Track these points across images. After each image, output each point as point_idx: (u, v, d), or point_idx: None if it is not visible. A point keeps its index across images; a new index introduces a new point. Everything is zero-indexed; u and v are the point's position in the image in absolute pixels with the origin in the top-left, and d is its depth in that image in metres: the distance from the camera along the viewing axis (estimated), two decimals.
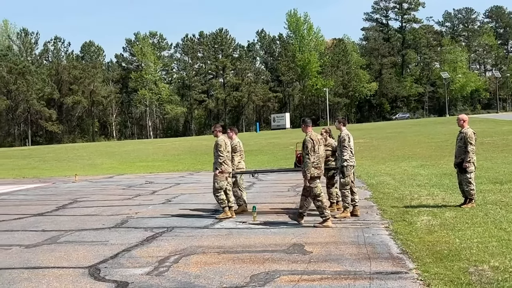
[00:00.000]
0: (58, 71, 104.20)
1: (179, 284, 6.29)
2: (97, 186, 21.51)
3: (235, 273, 6.68)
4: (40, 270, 7.21)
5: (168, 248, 8.34)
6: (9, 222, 11.92)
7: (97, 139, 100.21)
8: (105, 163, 37.90)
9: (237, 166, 12.51)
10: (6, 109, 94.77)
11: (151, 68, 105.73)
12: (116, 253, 8.11)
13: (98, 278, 6.69)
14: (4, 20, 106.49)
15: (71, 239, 9.52)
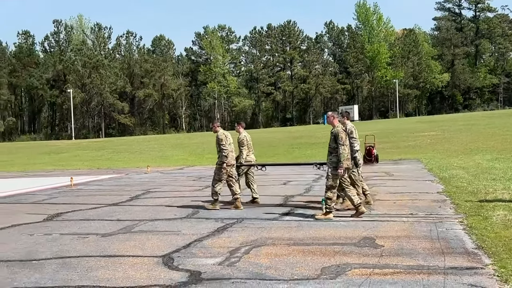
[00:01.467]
0: (130, 65, 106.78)
1: (251, 274, 6.35)
2: (168, 177, 21.96)
3: (305, 265, 6.68)
4: (116, 258, 7.42)
5: (239, 239, 8.43)
6: (86, 211, 12.35)
7: (167, 131, 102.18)
8: (175, 154, 38.65)
9: (246, 159, 12.87)
10: (81, 102, 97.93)
11: (220, 61, 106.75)
12: (188, 243, 8.26)
13: (172, 267, 6.83)
14: (78, 15, 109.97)
15: (145, 228, 9.77)
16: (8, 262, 7.31)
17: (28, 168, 32.81)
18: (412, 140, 36.85)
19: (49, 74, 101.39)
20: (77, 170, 29.34)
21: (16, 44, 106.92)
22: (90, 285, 6.09)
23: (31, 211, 12.58)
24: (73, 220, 11.05)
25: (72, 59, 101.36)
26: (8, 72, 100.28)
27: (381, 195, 13.25)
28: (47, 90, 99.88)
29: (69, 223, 10.68)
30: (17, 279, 6.39)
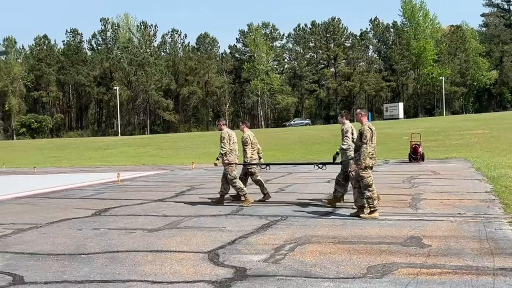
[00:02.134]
0: (175, 62, 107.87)
1: (296, 272, 6.36)
2: (212, 174, 22.10)
3: (351, 264, 6.65)
4: (163, 253, 7.52)
5: (283, 237, 8.44)
6: (132, 207, 12.55)
7: (211, 128, 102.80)
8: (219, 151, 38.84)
9: (251, 157, 13.13)
10: (127, 99, 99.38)
11: (263, 58, 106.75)
12: (233, 240, 8.31)
13: (218, 263, 6.89)
14: (125, 14, 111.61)
15: (190, 224, 9.87)
16: (58, 255, 7.49)
17: (76, 164, 33.51)
18: (458, 139, 36.17)
19: (96, 72, 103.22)
20: (123, 166, 29.81)
21: (65, 42, 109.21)
22: (137, 279, 6.19)
23: (80, 206, 12.86)
24: (120, 215, 11.25)
25: (118, 56, 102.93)
26: (57, 70, 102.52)
27: (427, 194, 13.06)
28: (94, 87, 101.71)
29: (116, 218, 10.88)
30: (67, 272, 6.54)
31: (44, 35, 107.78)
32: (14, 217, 11.21)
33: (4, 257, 7.43)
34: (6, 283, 6.11)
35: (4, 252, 7.78)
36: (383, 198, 11.77)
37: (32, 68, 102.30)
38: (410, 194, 13.24)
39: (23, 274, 6.49)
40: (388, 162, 25.15)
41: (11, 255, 7.58)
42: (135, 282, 6.09)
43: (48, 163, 34.02)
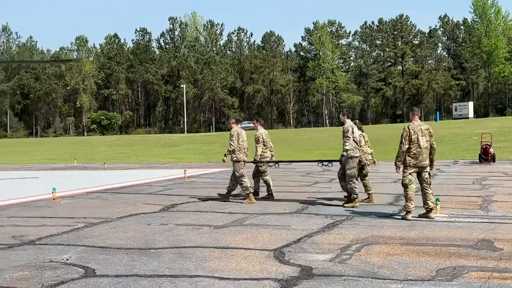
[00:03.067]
0: (240, 61, 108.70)
1: (363, 272, 6.29)
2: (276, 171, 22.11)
3: (420, 266, 6.52)
4: (229, 250, 7.60)
5: (349, 236, 8.37)
6: (199, 203, 12.73)
7: (275, 126, 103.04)
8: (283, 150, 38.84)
9: (262, 155, 13.42)
10: (193, 97, 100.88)
11: (329, 56, 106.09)
12: (298, 238, 8.31)
13: (283, 261, 6.89)
14: (192, 13, 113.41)
15: (256, 222, 9.92)
16: (128, 250, 7.68)
17: (144, 160, 34.27)
18: None
19: (164, 70, 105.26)
20: (189, 163, 30.28)
21: (134, 40, 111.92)
22: (205, 275, 6.27)
23: (148, 201, 13.15)
24: (187, 211, 11.43)
25: (185, 55, 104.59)
26: (126, 68, 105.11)
27: (499, 196, 12.67)
28: (162, 85, 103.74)
29: (183, 214, 11.06)
30: (136, 266, 6.70)
31: (115, 34, 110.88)
32: (86, 211, 11.57)
33: (76, 250, 7.67)
34: (79, 276, 6.31)
35: (77, 245, 8.04)
36: (452, 200, 11.51)
37: (102, 67, 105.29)
38: (480, 195, 12.88)
39: (95, 267, 6.69)
40: (457, 163, 24.52)
41: (83, 248, 7.82)
42: (202, 277, 6.17)
43: (118, 159, 34.94)
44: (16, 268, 6.67)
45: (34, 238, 8.56)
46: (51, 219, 10.62)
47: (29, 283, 5.98)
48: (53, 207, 12.50)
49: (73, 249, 7.74)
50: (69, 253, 7.50)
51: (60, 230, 9.27)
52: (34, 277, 6.25)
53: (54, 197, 13.46)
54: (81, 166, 29.97)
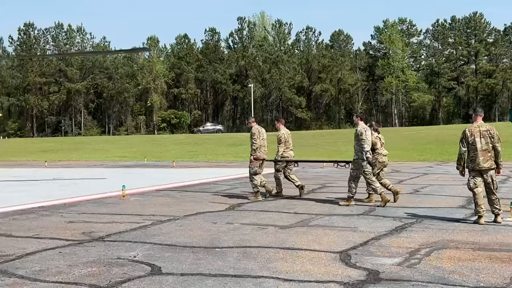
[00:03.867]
0: (308, 60, 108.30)
1: (432, 278, 6.08)
2: (343, 172, 21.82)
3: (493, 272, 6.25)
4: (294, 251, 7.51)
5: (418, 240, 8.13)
6: (265, 203, 12.71)
7: (343, 126, 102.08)
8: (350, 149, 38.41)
9: (282, 155, 13.78)
10: (261, 96, 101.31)
11: (399, 55, 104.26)
12: (365, 241, 8.14)
13: (349, 264, 6.76)
14: (261, 12, 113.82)
15: (322, 223, 9.80)
16: (193, 248, 7.73)
17: (211, 159, 34.59)
18: None
19: (232, 69, 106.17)
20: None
21: (203, 40, 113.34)
22: (269, 276, 6.21)
23: (215, 200, 13.24)
24: (253, 210, 11.42)
25: (253, 55, 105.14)
26: (196, 68, 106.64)
27: None
28: (230, 85, 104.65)
29: (249, 213, 11.06)
30: (201, 265, 6.72)
31: (185, 34, 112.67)
32: (154, 209, 11.75)
33: (144, 247, 7.78)
34: (145, 273, 6.39)
35: (144, 242, 8.15)
36: None
37: (173, 66, 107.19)
38: None
39: (161, 264, 6.75)
40: None
41: (150, 245, 7.92)
42: (267, 278, 6.12)
43: (186, 158, 35.43)
44: (85, 264, 6.82)
45: (103, 235, 8.75)
46: (120, 216, 10.84)
47: (97, 279, 6.10)
48: (122, 204, 12.77)
49: (140, 246, 7.85)
50: (136, 250, 7.62)
51: (129, 227, 9.44)
52: (102, 273, 6.37)
53: (124, 194, 13.75)
54: (151, 164, 30.55)
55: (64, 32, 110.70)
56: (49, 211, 11.56)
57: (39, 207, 12.22)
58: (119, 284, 5.92)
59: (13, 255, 7.32)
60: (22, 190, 16.64)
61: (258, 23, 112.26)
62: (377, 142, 12.62)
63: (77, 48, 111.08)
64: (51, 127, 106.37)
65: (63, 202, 13.05)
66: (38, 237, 8.61)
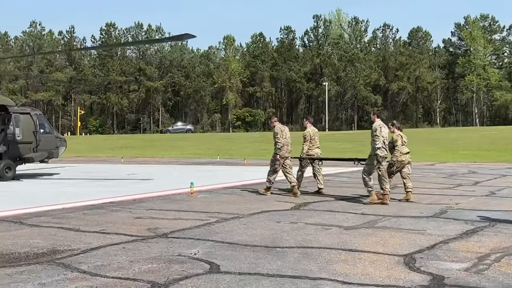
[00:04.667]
0: (385, 58, 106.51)
1: (501, 285, 5.75)
2: (416, 172, 21.29)
3: None
4: (356, 253, 7.32)
5: (490, 245, 7.75)
6: (331, 202, 12.51)
7: (420, 125, 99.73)
8: (427, 149, 37.41)
9: (307, 152, 14.19)
10: (336, 94, 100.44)
11: (480, 52, 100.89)
12: (433, 244, 7.83)
13: (413, 268, 6.51)
14: (337, 10, 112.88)
15: (388, 224, 9.53)
16: (254, 247, 7.67)
17: None
18: None
19: (307, 68, 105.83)
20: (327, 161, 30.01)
21: (278, 39, 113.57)
22: (327, 278, 6.07)
23: (281, 199, 13.16)
24: (319, 210, 11.26)
25: (329, 53, 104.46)
26: (270, 66, 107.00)
27: None
28: (304, 83, 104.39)
29: (314, 213, 10.91)
30: (260, 265, 6.64)
31: (260, 33, 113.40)
32: (220, 206, 11.79)
33: (205, 245, 7.79)
34: (203, 271, 6.38)
35: (206, 240, 8.17)
36: None
37: (248, 65, 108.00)
38: None
39: (220, 263, 6.73)
40: None
41: (212, 243, 7.92)
42: (325, 280, 5.98)
43: (258, 155, 35.48)
44: (146, 260, 6.89)
45: (167, 231, 8.84)
46: (187, 213, 10.94)
47: (155, 276, 6.13)
48: (190, 201, 12.89)
49: (202, 244, 7.87)
50: (197, 247, 7.63)
51: (193, 224, 9.50)
52: (161, 270, 6.41)
53: (192, 191, 13.89)
54: (222, 161, 30.81)
55: (144, 31, 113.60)
56: (119, 207, 11.82)
57: (110, 202, 12.53)
58: (176, 282, 5.93)
59: (78, 250, 7.50)
60: (96, 185, 17.17)
61: (334, 21, 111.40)
62: (398, 139, 13.05)
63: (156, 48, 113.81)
64: (131, 124, 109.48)
65: (133, 198, 13.33)
66: (104, 232, 8.79)
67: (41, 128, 20.40)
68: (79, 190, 15.54)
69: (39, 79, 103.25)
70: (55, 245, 7.82)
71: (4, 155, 19.13)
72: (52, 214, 10.73)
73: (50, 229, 9.09)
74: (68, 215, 10.63)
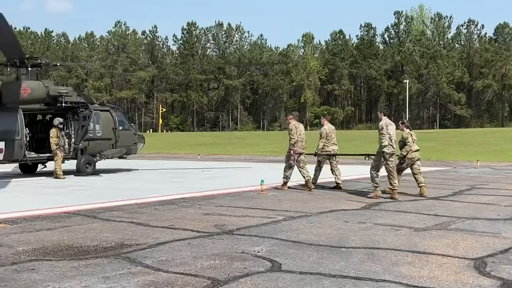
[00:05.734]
0: (469, 54, 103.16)
1: None
2: (499, 173, 20.50)
3: None
4: (424, 255, 7.07)
5: None
6: (403, 203, 12.16)
7: (507, 124, 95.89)
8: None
9: (322, 149, 14.83)
10: (417, 92, 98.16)
11: None
12: (507, 248, 7.46)
13: (483, 273, 6.21)
14: (420, 6, 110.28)
15: (462, 227, 9.17)
16: (318, 246, 7.55)
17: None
18: None
19: (387, 65, 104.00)
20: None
21: (358, 36, 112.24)
22: (391, 280, 5.89)
23: (352, 198, 12.93)
24: (390, 210, 10.99)
25: (410, 50, 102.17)
26: (350, 63, 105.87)
27: None
28: (385, 81, 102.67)
29: (385, 213, 10.66)
30: (323, 265, 6.53)
31: (340, 30, 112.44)
32: (288, 205, 11.73)
33: (269, 243, 7.74)
34: (264, 269, 6.33)
35: (271, 237, 8.12)
36: None
37: (326, 62, 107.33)
38: None
39: (282, 261, 6.66)
40: None
41: (276, 241, 7.87)
42: (389, 283, 5.80)
43: None
44: (209, 256, 6.92)
45: (233, 228, 8.86)
46: (255, 210, 10.93)
47: (217, 273, 6.14)
48: (259, 198, 12.89)
49: (266, 242, 7.83)
50: (261, 245, 7.60)
51: (260, 222, 9.48)
52: (223, 266, 6.42)
53: (262, 189, 13.90)
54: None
55: (224, 30, 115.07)
56: (189, 203, 11.98)
57: (181, 198, 12.73)
58: (236, 279, 5.91)
59: (145, 244, 7.63)
60: (170, 181, 17.51)
61: (416, 17, 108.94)
62: (408, 137, 13.59)
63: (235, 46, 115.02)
64: (210, 122, 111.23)
65: (204, 195, 13.48)
66: (172, 228, 8.92)
67: (120, 125, 21.02)
68: (153, 186, 15.89)
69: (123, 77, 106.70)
70: (123, 239, 8.00)
71: (85, 150, 19.83)
72: (124, 209, 11.01)
73: (121, 224, 9.31)
74: (140, 210, 10.87)
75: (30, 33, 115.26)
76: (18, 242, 7.79)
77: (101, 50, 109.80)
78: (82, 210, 10.79)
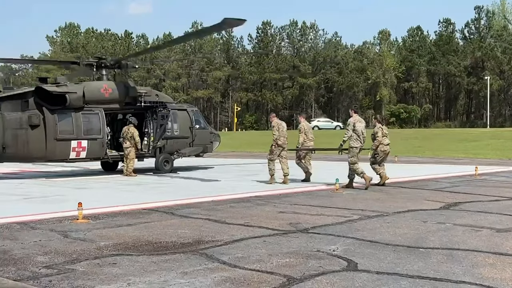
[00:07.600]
0: None
1: None
2: None
3: None
4: (507, 257, 6.84)
5: None
6: (485, 203, 11.80)
7: None
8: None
9: (303, 143, 15.97)
10: (498, 89, 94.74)
11: None
12: None
13: None
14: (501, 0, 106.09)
15: None
16: (396, 246, 7.44)
17: (439, 155, 33.30)
18: None
19: (467, 61, 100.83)
20: (486, 160, 28.46)
21: (437, 32, 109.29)
22: (471, 282, 5.74)
23: (430, 198, 12.64)
24: (470, 211, 10.67)
25: (491, 45, 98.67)
26: (428, 60, 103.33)
27: None
28: (464, 78, 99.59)
29: (465, 213, 10.37)
30: (400, 265, 6.43)
31: (418, 26, 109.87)
32: (364, 204, 11.60)
33: (345, 242, 7.70)
34: (340, 268, 6.30)
35: (347, 237, 8.07)
36: None
37: (403, 59, 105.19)
38: None
39: (358, 261, 6.61)
40: None
41: (352, 240, 7.81)
42: (469, 284, 5.66)
43: (411, 153, 34.54)
44: (284, 254, 6.95)
45: (308, 227, 8.85)
46: (330, 209, 10.88)
47: (292, 271, 6.17)
48: (334, 197, 12.83)
49: (342, 241, 7.79)
50: (337, 244, 7.57)
51: (335, 221, 9.43)
52: (298, 265, 6.43)
53: (337, 188, 13.81)
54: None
55: (298, 29, 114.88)
56: (264, 201, 12.07)
57: (256, 196, 12.84)
58: (312, 277, 5.91)
59: (221, 241, 7.75)
60: (244, 179, 17.71)
61: (498, 12, 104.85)
62: (379, 131, 15.00)
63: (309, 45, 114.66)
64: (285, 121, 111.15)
65: (279, 193, 13.54)
66: (248, 225, 9.01)
67: (196, 123, 21.41)
68: (228, 184, 16.11)
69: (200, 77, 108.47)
70: (200, 235, 8.16)
71: (163, 149, 20.32)
72: (201, 206, 11.22)
73: (198, 220, 9.49)
74: (216, 207, 11.05)
75: (111, 34, 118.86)
76: (100, 237, 8.08)
77: (179, 51, 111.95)
78: (160, 207, 11.07)
